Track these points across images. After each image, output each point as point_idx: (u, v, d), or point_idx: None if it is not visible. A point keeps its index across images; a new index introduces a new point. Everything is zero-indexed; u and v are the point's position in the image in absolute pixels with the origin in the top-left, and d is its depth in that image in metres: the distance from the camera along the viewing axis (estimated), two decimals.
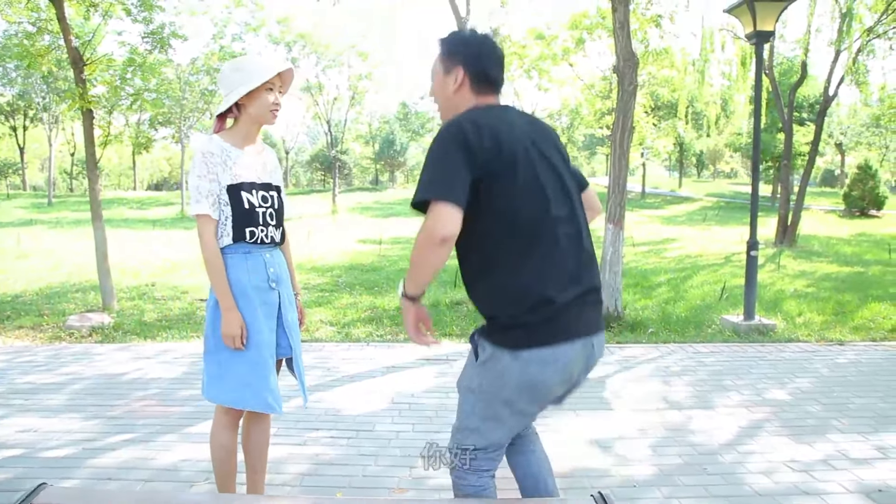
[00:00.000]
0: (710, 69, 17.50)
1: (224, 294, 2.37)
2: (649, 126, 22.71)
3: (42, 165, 61.47)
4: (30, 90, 35.33)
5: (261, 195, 2.47)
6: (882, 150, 49.95)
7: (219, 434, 2.51)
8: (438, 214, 1.79)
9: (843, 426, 3.86)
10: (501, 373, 1.90)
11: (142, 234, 19.51)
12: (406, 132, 59.32)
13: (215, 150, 2.39)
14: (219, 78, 2.51)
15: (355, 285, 9.18)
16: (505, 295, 1.90)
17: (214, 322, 2.42)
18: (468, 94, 2.10)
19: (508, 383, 1.91)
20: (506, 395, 1.93)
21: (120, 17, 7.75)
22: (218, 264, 2.37)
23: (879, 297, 8.32)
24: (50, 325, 6.42)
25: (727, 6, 6.98)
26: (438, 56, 2.15)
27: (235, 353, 2.39)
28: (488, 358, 1.94)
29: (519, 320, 1.87)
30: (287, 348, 2.56)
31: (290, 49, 32.35)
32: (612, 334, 6.21)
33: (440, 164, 1.87)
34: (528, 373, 1.88)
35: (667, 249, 15.37)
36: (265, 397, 2.43)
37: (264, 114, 2.46)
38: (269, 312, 2.48)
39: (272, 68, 2.45)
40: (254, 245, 2.45)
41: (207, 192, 2.36)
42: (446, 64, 2.12)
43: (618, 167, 6.62)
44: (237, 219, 2.40)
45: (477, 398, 2.01)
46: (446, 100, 2.14)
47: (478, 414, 2.01)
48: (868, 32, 14.49)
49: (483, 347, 1.97)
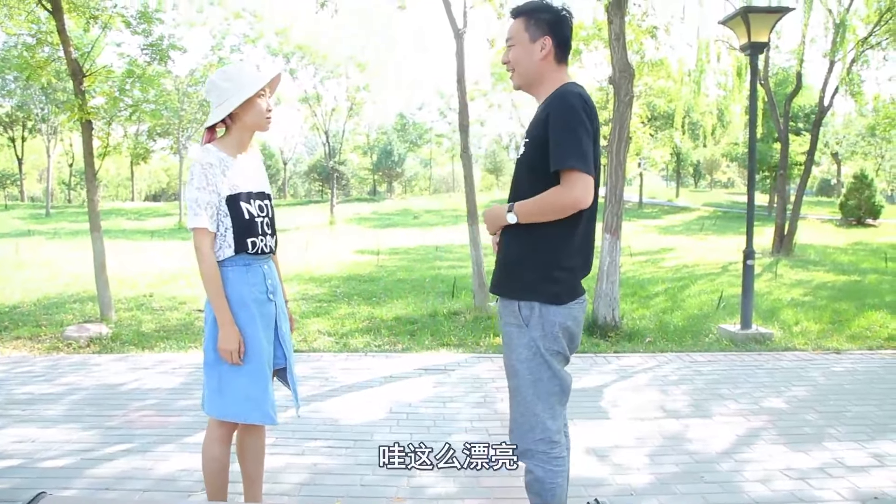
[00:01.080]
0: (706, 80, 17.56)
1: (222, 309, 2.36)
2: (646, 136, 22.79)
3: (40, 176, 61.45)
4: (29, 101, 35.43)
5: (258, 204, 2.47)
6: (878, 159, 50.16)
7: (211, 447, 2.50)
8: (586, 185, 2.00)
9: (839, 434, 3.87)
10: (553, 322, 2.13)
11: (140, 244, 19.50)
12: (404, 143, 59.45)
13: (214, 161, 2.37)
14: (207, 88, 2.47)
15: (353, 296, 9.19)
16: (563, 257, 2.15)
17: (213, 336, 2.41)
18: (552, 63, 2.20)
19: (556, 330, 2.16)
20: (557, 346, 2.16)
21: (119, 29, 7.80)
22: (216, 278, 2.36)
23: (876, 305, 8.35)
24: (48, 335, 6.42)
25: (722, 18, 7.06)
26: (523, 22, 2.21)
27: (235, 366, 2.38)
28: (538, 314, 2.14)
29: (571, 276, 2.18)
30: (282, 358, 2.56)
31: (289, 60, 32.50)
32: (609, 343, 6.23)
33: (577, 135, 2.01)
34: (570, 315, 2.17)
35: (664, 259, 15.40)
36: (266, 409, 2.43)
37: (260, 121, 2.45)
38: (267, 324, 2.49)
39: (264, 75, 2.44)
40: (254, 256, 2.45)
41: (206, 205, 2.33)
42: (533, 32, 2.18)
43: (614, 177, 6.65)
44: (238, 230, 2.39)
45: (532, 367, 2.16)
46: (531, 67, 2.21)
47: (540, 389, 2.16)
48: (862, 43, 14.62)
49: (531, 309, 2.14)
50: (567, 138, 2.00)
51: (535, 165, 2.10)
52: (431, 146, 61.05)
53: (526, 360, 2.15)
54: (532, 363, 2.14)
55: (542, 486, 2.15)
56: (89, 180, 7.15)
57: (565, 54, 2.23)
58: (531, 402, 2.15)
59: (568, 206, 2.03)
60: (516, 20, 2.23)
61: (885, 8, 13.82)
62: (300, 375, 5.00)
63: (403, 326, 7.01)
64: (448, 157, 61.15)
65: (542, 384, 2.14)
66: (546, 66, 2.20)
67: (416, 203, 44.87)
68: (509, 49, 2.24)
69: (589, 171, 2.00)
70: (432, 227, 27.70)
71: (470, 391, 4.70)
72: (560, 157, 2.00)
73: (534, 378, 2.14)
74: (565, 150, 1.99)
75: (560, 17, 2.19)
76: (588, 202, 2.03)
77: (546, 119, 2.08)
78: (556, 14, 2.19)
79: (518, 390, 2.18)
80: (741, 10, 6.66)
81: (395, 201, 48.21)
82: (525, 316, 2.14)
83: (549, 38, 2.17)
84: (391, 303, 8.55)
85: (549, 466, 2.14)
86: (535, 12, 2.19)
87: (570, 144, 2.00)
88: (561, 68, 2.23)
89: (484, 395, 4.58)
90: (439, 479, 3.20)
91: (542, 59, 2.18)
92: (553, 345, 2.14)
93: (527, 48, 2.19)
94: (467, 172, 8.06)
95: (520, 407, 2.18)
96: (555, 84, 2.18)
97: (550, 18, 2.17)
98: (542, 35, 2.17)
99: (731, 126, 32.23)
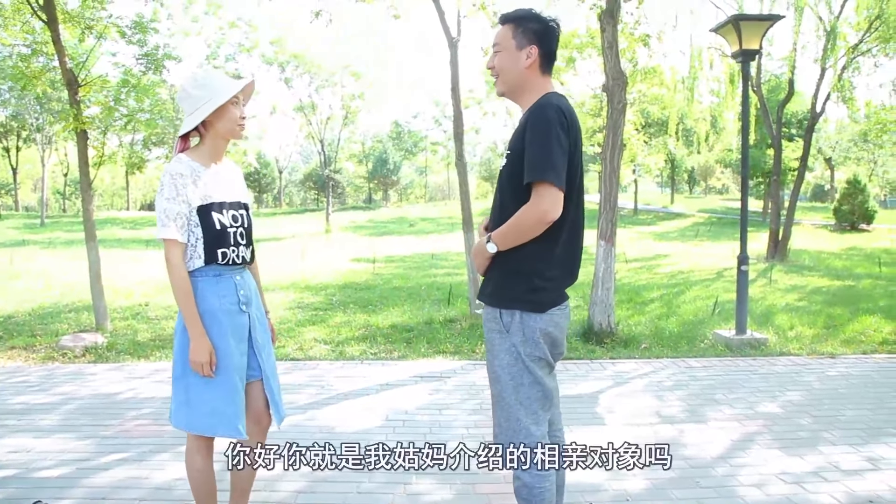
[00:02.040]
0: (699, 87, 17.69)
1: (192, 320, 2.32)
2: (640, 143, 22.90)
3: (35, 186, 61.28)
4: (23, 111, 35.39)
5: (231, 214, 2.44)
6: (870, 164, 50.50)
7: (193, 458, 2.49)
8: (555, 199, 2.01)
9: (834, 438, 3.89)
10: (534, 329, 2.15)
11: (135, 253, 19.46)
12: (399, 151, 59.61)
13: (185, 171, 2.35)
14: (178, 96, 2.44)
15: (349, 304, 9.19)
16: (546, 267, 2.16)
17: (182, 347, 2.37)
18: (537, 73, 2.21)
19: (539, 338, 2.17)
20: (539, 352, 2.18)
21: (114, 39, 7.84)
22: (186, 289, 2.33)
23: (870, 310, 8.38)
24: (43, 345, 6.41)
25: (713, 26, 7.11)
26: (511, 29, 2.21)
27: (204, 379, 2.35)
28: (519, 320, 2.15)
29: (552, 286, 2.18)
30: (256, 370, 2.52)
31: (284, 69, 32.59)
32: (605, 350, 6.25)
33: (550, 148, 2.01)
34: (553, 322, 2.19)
35: (659, 265, 15.44)
36: (235, 424, 2.39)
37: (233, 128, 2.43)
38: (240, 335, 2.45)
39: (237, 82, 2.43)
40: (225, 267, 2.41)
41: (176, 215, 2.31)
42: (520, 39, 2.19)
43: (609, 184, 6.69)
44: (209, 240, 2.36)
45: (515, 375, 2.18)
46: (515, 74, 2.22)
47: (522, 394, 2.17)
48: (853, 50, 14.74)
49: (512, 316, 2.15)
50: (538, 152, 2.01)
51: (516, 178, 2.11)
52: (427, 154, 61.22)
53: (507, 365, 2.17)
54: (513, 369, 2.16)
55: (531, 491, 2.17)
56: (84, 190, 7.15)
57: (550, 65, 2.25)
58: (514, 408, 2.17)
59: (537, 221, 2.03)
60: (504, 26, 2.24)
61: (874, 15, 13.95)
62: (296, 383, 5.02)
63: (399, 334, 7.02)
64: (443, 165, 61.31)
65: (524, 389, 2.16)
66: (530, 75, 2.21)
67: (411, 211, 44.92)
68: (495, 55, 2.25)
69: (559, 185, 2.01)
70: (428, 235, 27.73)
71: (466, 398, 4.71)
72: (531, 171, 2.02)
73: (515, 384, 2.16)
74: (536, 164, 2.01)
75: (548, 27, 2.21)
76: (556, 215, 2.02)
77: (524, 131, 2.10)
78: (544, 24, 2.20)
79: (500, 396, 2.20)
80: (732, 18, 6.71)
81: (391, 209, 48.26)
82: (506, 322, 2.16)
83: (535, 48, 2.18)
84: (387, 310, 8.55)
85: (535, 471, 2.15)
86: (523, 20, 2.20)
87: (542, 158, 2.00)
88: (545, 78, 2.24)
89: (480, 402, 4.58)
90: (435, 486, 3.20)
91: (527, 68, 2.20)
92: (534, 350, 2.16)
93: (513, 55, 2.20)
94: (462, 180, 8.09)
95: (503, 413, 2.20)
96: (538, 93, 2.19)
97: (538, 28, 2.19)
98: (528, 44, 2.18)
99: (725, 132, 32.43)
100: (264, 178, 59.29)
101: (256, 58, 30.54)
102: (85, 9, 7.41)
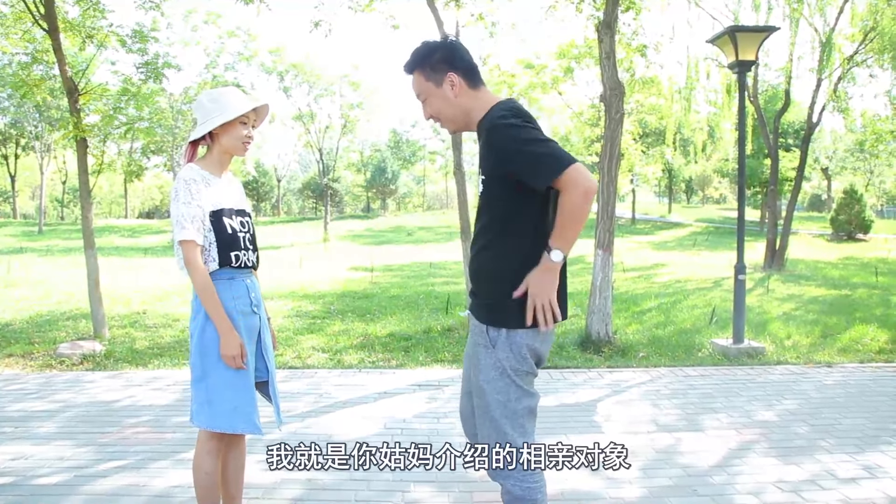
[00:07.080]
0: (696, 97, 17.83)
1: (220, 317, 2.40)
2: (638, 153, 22.97)
3: (33, 193, 61.28)
4: (22, 119, 35.49)
5: (239, 221, 2.54)
6: (867, 174, 50.70)
7: (203, 461, 2.51)
8: (580, 173, 1.92)
9: (830, 446, 3.90)
10: (521, 344, 2.11)
11: (133, 261, 19.46)
12: (397, 160, 59.70)
13: (197, 178, 2.45)
14: (194, 105, 2.58)
15: (347, 312, 9.20)
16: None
17: (201, 349, 2.43)
18: (468, 91, 2.16)
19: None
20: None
21: (114, 48, 7.87)
22: (210, 288, 2.40)
23: (866, 319, 8.41)
24: (40, 353, 6.40)
25: (710, 37, 7.17)
26: (421, 75, 2.17)
27: (223, 379, 2.42)
28: (505, 336, 2.12)
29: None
30: (263, 371, 2.60)
31: (283, 78, 32.72)
32: (602, 358, 6.26)
33: (535, 144, 1.97)
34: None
35: (657, 274, 15.47)
36: (253, 420, 2.48)
37: (236, 145, 2.52)
38: (251, 336, 2.54)
39: (249, 103, 2.52)
40: (237, 270, 2.50)
41: (192, 218, 2.39)
42: (434, 77, 2.15)
43: (606, 194, 6.72)
44: (222, 244, 2.45)
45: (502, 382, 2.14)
46: (453, 109, 2.17)
47: (509, 409, 2.13)
48: (848, 61, 14.85)
49: (498, 332, 2.12)
50: (532, 153, 1.96)
51: (497, 201, 2.09)
52: (425, 163, 61.35)
53: (493, 380, 2.12)
54: (499, 383, 2.12)
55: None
56: (84, 197, 7.17)
57: (476, 76, 2.18)
58: (500, 423, 2.13)
59: (584, 202, 1.94)
60: (415, 76, 2.19)
61: (869, 27, 14.06)
62: (295, 392, 5.03)
63: (397, 343, 7.02)
64: (441, 175, 61.40)
65: (511, 404, 2.12)
66: (465, 100, 2.16)
67: (409, 220, 44.96)
68: (424, 104, 2.20)
69: (571, 160, 1.92)
70: (426, 244, 27.77)
71: None
72: (543, 173, 1.95)
73: (502, 399, 2.12)
74: (540, 163, 1.95)
75: (449, 47, 2.16)
76: (595, 184, 1.94)
77: (493, 155, 2.05)
78: (444, 48, 2.16)
79: (486, 410, 2.15)
80: (728, 30, 6.77)
81: (389, 218, 48.28)
82: (493, 337, 2.13)
83: (452, 73, 2.13)
84: (385, 319, 8.56)
85: (525, 484, 2.11)
86: (426, 59, 2.15)
87: (540, 155, 1.95)
88: (480, 91, 2.18)
89: None
90: (433, 494, 3.21)
91: (458, 96, 2.15)
92: (521, 365, 2.12)
93: (439, 95, 2.15)
94: (461, 189, 8.11)
95: (489, 427, 2.15)
96: (481, 110, 2.15)
97: (442, 55, 2.14)
98: (444, 74, 2.13)
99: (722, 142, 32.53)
100: (263, 186, 59.34)
101: (256, 67, 30.69)
102: (86, 18, 7.46)
